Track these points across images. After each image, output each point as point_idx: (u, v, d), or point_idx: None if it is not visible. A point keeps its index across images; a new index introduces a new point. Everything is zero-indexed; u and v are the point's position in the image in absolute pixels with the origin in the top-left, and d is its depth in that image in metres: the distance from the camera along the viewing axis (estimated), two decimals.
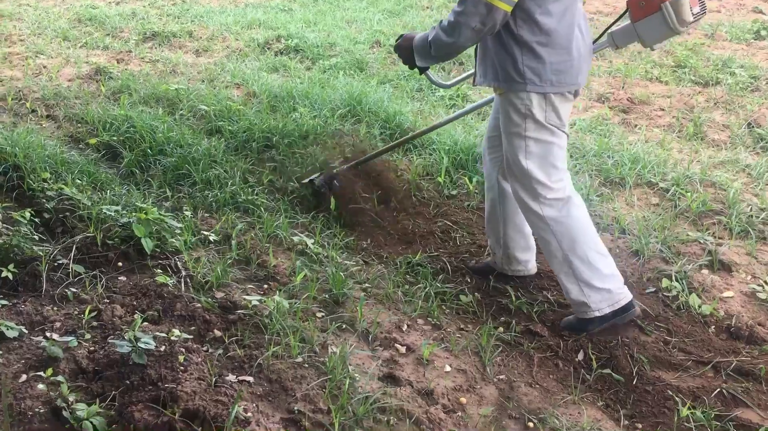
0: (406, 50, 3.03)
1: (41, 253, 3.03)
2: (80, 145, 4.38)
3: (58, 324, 2.71)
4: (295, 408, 2.39)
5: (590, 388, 2.77)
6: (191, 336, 2.68)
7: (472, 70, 3.12)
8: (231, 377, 2.49)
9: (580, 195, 3.03)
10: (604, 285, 2.92)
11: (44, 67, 5.78)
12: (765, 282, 3.33)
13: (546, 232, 2.95)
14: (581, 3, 2.89)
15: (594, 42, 3.03)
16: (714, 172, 4.25)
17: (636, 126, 5.02)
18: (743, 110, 5.19)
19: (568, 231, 2.91)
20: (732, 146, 4.68)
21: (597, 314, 2.94)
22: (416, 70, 3.11)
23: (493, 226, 3.29)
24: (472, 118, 4.86)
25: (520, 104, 2.82)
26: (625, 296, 2.97)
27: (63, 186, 3.54)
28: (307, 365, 2.62)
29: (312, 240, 3.46)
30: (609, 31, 3.05)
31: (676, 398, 2.68)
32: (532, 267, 3.35)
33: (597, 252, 2.93)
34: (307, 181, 3.89)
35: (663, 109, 5.26)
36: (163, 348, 2.53)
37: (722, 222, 3.76)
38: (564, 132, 2.90)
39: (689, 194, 3.96)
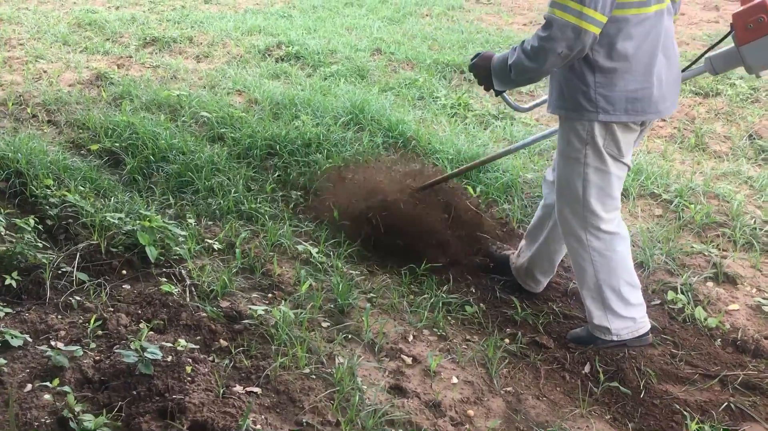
0: (484, 71, 2.82)
1: (45, 261, 3.01)
2: (82, 151, 4.36)
3: (62, 333, 2.69)
4: (304, 420, 2.37)
5: (597, 401, 2.76)
6: (197, 346, 2.66)
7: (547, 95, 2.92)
8: (238, 388, 2.47)
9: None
10: (630, 314, 2.91)
11: (44, 71, 5.75)
12: None
13: (585, 261, 2.88)
14: (670, 21, 2.69)
15: (687, 68, 2.86)
16: (717, 184, 4.26)
17: None
18: (744, 121, 5.21)
19: (608, 264, 2.85)
20: (734, 158, 4.69)
21: (615, 339, 2.93)
22: (492, 91, 2.89)
23: (532, 238, 3.25)
24: (474, 127, 4.85)
25: (581, 130, 2.69)
26: (645, 325, 2.96)
27: (66, 193, 3.52)
28: (314, 376, 2.60)
29: (316, 249, 3.45)
30: (707, 55, 2.81)
31: (684, 412, 2.67)
32: (541, 288, 3.34)
33: (629, 284, 2.89)
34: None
35: (664, 120, 5.27)
36: (169, 358, 2.51)
37: (726, 234, 3.77)
38: (624, 163, 2.77)
39: (693, 206, 3.97)
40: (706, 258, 3.57)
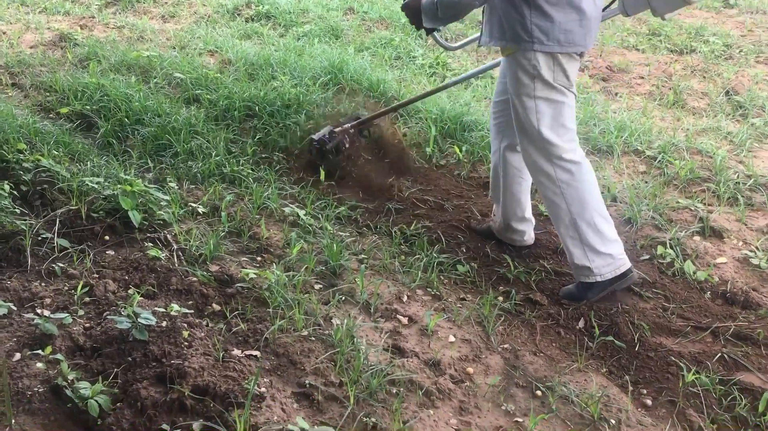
0: (414, 10, 2.96)
1: (24, 227, 2.89)
2: (51, 115, 4.19)
3: (48, 301, 2.59)
4: (307, 382, 2.33)
5: (593, 355, 2.77)
6: (190, 311, 2.59)
7: (478, 34, 3.05)
8: (237, 352, 2.41)
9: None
10: (607, 250, 2.92)
11: (3, 33, 5.51)
12: (756, 248, 3.38)
13: (556, 195, 2.91)
14: None
15: (604, 9, 2.95)
16: (698, 140, 4.28)
17: (617, 94, 5.03)
18: (720, 78, 5.24)
19: (578, 195, 2.88)
20: (712, 113, 4.72)
21: (598, 279, 2.95)
22: (423, 30, 3.03)
23: (495, 193, 3.28)
24: (457, 87, 4.79)
25: (527, 64, 2.77)
26: (624, 263, 2.98)
27: (40, 157, 3.37)
28: (313, 338, 2.56)
29: (303, 212, 3.38)
30: None
31: (680, 363, 2.70)
32: (528, 238, 3.33)
33: (602, 216, 2.92)
34: (317, 138, 3.76)
35: (642, 77, 5.28)
36: (164, 323, 2.43)
37: (711, 189, 3.80)
38: (572, 92, 2.85)
39: (677, 162, 3.99)
40: (693, 213, 3.60)
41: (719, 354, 2.76)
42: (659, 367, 2.72)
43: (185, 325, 2.44)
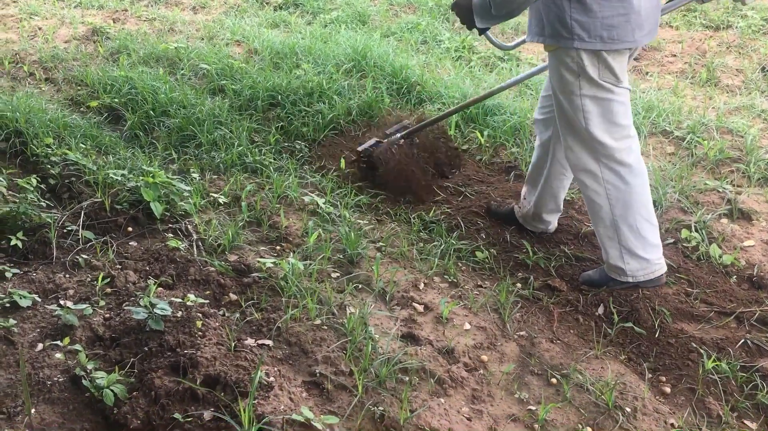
0: (465, 9, 2.76)
1: (49, 220, 2.97)
2: (81, 108, 4.29)
3: (71, 292, 2.67)
4: (317, 371, 2.36)
5: (612, 342, 2.73)
6: (207, 301, 2.64)
7: None
8: (250, 341, 2.45)
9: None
10: (646, 254, 2.83)
11: (39, 28, 5.63)
12: None
13: (599, 196, 2.80)
14: None
15: None
16: (730, 119, 4.16)
17: (647, 73, 4.90)
18: (756, 54, 5.07)
19: (623, 197, 2.76)
20: (746, 91, 4.58)
21: (630, 280, 2.88)
22: (475, 30, 2.84)
23: (533, 182, 3.22)
24: (480, 70, 4.74)
25: (570, 62, 2.62)
26: (660, 267, 2.88)
27: (67, 151, 3.46)
28: (326, 327, 2.58)
29: (323, 200, 3.40)
30: None
31: (700, 350, 2.65)
32: (552, 227, 3.30)
33: (648, 221, 2.80)
34: (361, 149, 3.61)
35: (674, 55, 5.14)
36: (179, 313, 2.49)
37: (740, 169, 3.69)
38: (623, 87, 2.68)
39: (706, 142, 3.88)
40: (720, 195, 3.50)
41: (742, 340, 2.70)
42: (679, 354, 2.68)
43: (200, 315, 2.49)
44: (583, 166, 2.79)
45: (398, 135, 3.63)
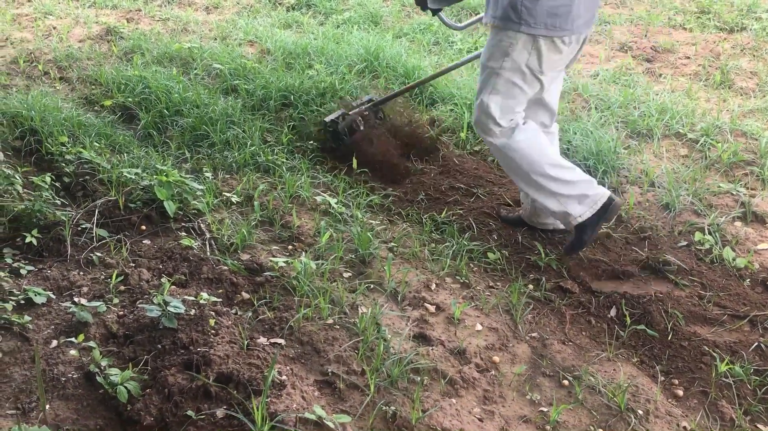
0: None
1: (64, 218, 3.00)
2: (95, 107, 4.31)
3: (85, 289, 2.69)
4: (329, 370, 2.37)
5: (624, 345, 2.73)
6: (220, 300, 2.66)
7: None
8: (262, 340, 2.46)
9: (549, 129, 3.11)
10: (576, 191, 2.96)
11: (54, 28, 5.67)
12: None
13: (506, 160, 3.02)
14: None
15: None
16: (744, 121, 4.14)
17: (661, 75, 4.89)
18: None
19: (521, 153, 2.96)
20: (761, 94, 4.55)
21: (581, 219, 2.97)
22: (429, 11, 3.11)
23: None
24: None
25: (505, 41, 2.82)
26: (602, 194, 2.98)
27: (81, 149, 3.49)
28: (338, 326, 2.59)
29: (335, 200, 3.41)
30: None
31: (713, 353, 2.64)
32: (558, 223, 3.28)
33: (555, 165, 2.97)
34: (329, 120, 3.88)
35: (688, 57, 5.12)
36: (192, 311, 2.50)
37: (754, 172, 3.67)
38: (539, 79, 2.89)
39: (719, 144, 3.86)
40: (734, 198, 3.49)
41: (756, 344, 2.68)
42: (692, 357, 2.66)
43: (213, 313, 2.50)
44: (486, 136, 3.03)
45: (363, 107, 3.90)
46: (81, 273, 2.80)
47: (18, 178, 3.19)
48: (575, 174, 2.99)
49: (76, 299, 2.63)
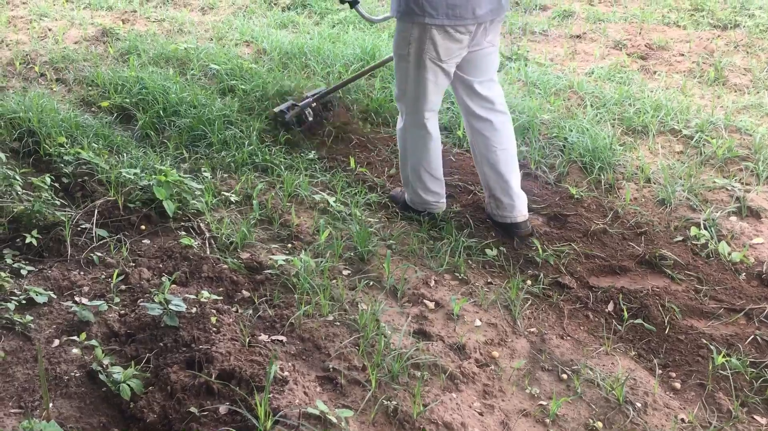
0: None
1: (64, 218, 3.01)
2: (92, 108, 4.32)
3: (86, 289, 2.70)
4: (330, 366, 2.39)
5: (622, 339, 2.75)
6: (220, 298, 2.67)
7: None
8: (264, 337, 2.48)
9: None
10: (426, 197, 3.31)
11: (49, 29, 5.67)
12: None
13: (401, 140, 3.27)
14: None
15: None
16: (738, 117, 4.17)
17: (655, 72, 4.92)
18: (764, 53, 5.08)
19: (409, 146, 3.22)
20: (755, 90, 4.59)
21: (409, 203, 3.38)
22: (347, 4, 3.34)
23: (478, 170, 3.32)
24: None
25: (406, 32, 2.97)
26: (435, 208, 3.34)
27: (80, 150, 3.50)
28: (338, 323, 2.61)
29: (334, 198, 3.43)
30: None
31: (710, 346, 2.66)
32: (518, 214, 3.22)
33: (429, 173, 3.24)
34: (277, 110, 4.07)
35: (682, 54, 5.15)
36: (194, 310, 2.51)
37: (749, 168, 3.70)
38: (442, 68, 3.00)
39: (714, 140, 3.89)
40: (729, 193, 3.52)
41: (752, 337, 2.71)
42: (689, 350, 2.69)
43: (214, 311, 2.52)
44: (399, 107, 3.23)
45: (311, 99, 4.07)
46: (81, 272, 2.81)
47: (17, 179, 3.20)
48: (437, 185, 3.29)
49: (77, 298, 2.64)
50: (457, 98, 3.27)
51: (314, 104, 4.08)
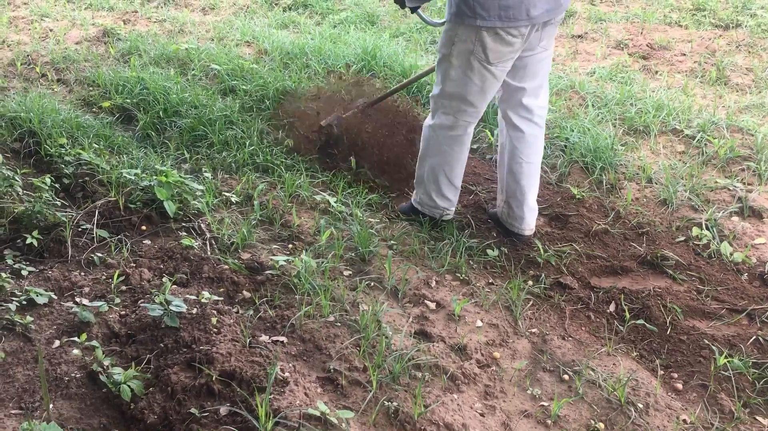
0: None
1: (64, 219, 3.01)
2: (93, 109, 4.32)
3: (86, 289, 2.70)
4: (331, 367, 2.38)
5: (623, 339, 2.75)
6: (221, 298, 2.67)
7: None
8: (264, 338, 2.47)
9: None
10: (441, 204, 3.25)
11: (50, 30, 5.67)
12: None
13: (425, 141, 3.19)
14: None
15: None
16: (740, 117, 4.16)
17: (657, 72, 4.91)
18: (766, 52, 5.07)
19: (437, 150, 3.13)
20: (757, 90, 4.57)
21: (418, 206, 3.32)
22: (407, 9, 3.13)
23: (499, 177, 3.28)
24: None
25: (452, 33, 2.88)
26: (441, 214, 3.28)
27: (81, 150, 3.49)
28: (339, 324, 2.60)
29: (334, 199, 3.42)
30: None
31: (712, 347, 2.66)
32: (526, 227, 3.21)
33: (448, 178, 3.18)
34: (324, 124, 3.85)
35: (684, 54, 5.14)
36: (194, 310, 2.51)
37: (751, 168, 3.69)
38: (490, 71, 2.89)
39: (716, 140, 3.88)
40: (731, 193, 3.51)
41: (754, 337, 2.71)
42: (691, 350, 2.69)
43: (214, 312, 2.51)
44: (432, 105, 3.13)
45: (355, 109, 3.89)
46: (82, 273, 2.81)
47: (18, 179, 3.20)
48: (451, 193, 3.23)
49: (77, 299, 2.64)
50: (497, 98, 3.19)
51: (359, 114, 3.88)
